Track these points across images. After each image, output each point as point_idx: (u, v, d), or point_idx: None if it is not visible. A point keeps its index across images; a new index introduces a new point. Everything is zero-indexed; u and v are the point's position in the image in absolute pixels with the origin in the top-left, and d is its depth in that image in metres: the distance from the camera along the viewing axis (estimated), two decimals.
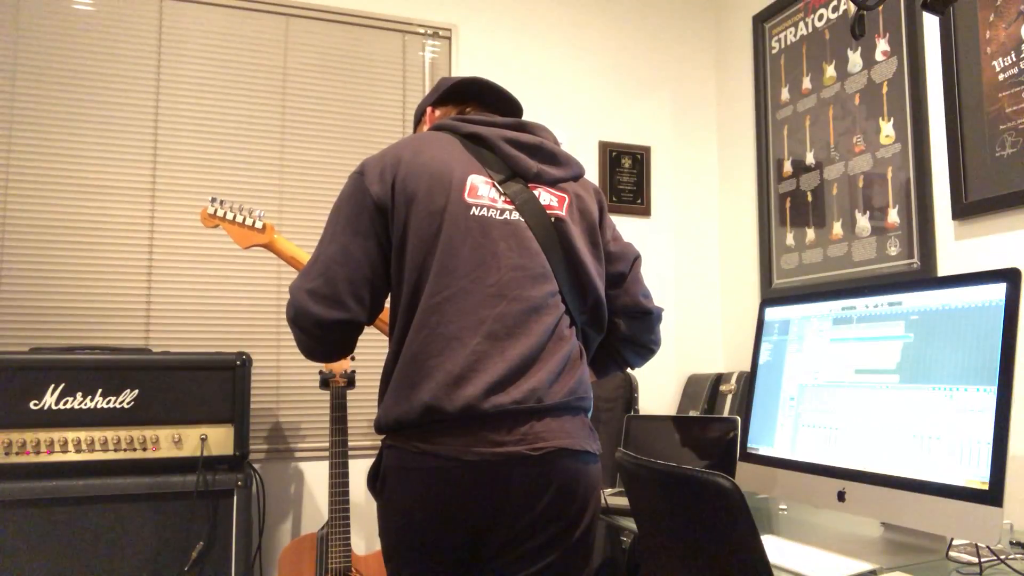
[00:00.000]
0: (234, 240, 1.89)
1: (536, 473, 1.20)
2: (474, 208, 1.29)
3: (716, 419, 2.04)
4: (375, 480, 1.29)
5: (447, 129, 1.41)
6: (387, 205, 1.29)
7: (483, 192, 1.31)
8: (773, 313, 1.76)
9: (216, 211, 1.90)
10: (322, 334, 1.27)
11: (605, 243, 1.44)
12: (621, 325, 1.46)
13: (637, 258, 1.47)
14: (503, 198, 1.32)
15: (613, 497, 2.02)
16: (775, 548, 1.38)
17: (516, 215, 1.31)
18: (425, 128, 1.51)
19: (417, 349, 1.23)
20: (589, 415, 1.34)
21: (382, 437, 1.30)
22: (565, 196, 1.38)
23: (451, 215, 1.27)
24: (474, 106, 1.51)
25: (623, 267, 1.44)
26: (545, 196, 1.36)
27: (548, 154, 1.40)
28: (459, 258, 1.25)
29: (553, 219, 1.34)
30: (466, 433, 1.19)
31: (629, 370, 1.59)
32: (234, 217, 1.89)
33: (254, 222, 1.88)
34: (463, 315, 1.23)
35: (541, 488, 1.21)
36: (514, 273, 1.27)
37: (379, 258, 1.30)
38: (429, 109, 1.53)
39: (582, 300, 1.37)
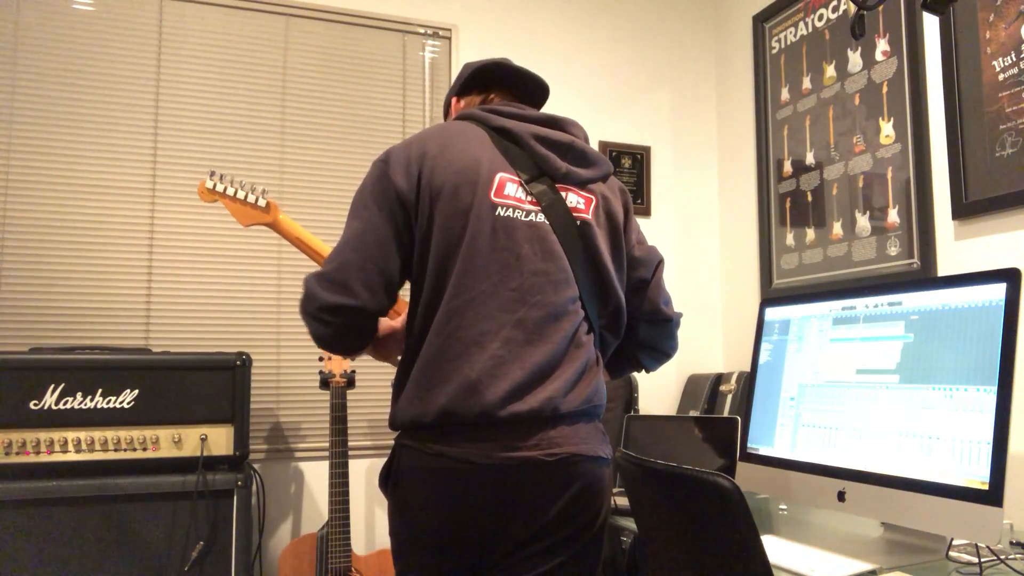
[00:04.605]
0: (234, 217, 1.69)
1: (550, 478, 1.20)
2: (500, 208, 1.26)
3: (716, 419, 2.04)
4: (387, 479, 1.28)
5: (476, 120, 1.36)
6: (411, 200, 1.25)
7: (510, 191, 1.28)
8: (773, 313, 1.75)
9: (215, 185, 1.75)
10: (328, 319, 1.22)
11: (629, 248, 1.40)
12: (640, 330, 1.44)
13: (660, 263, 1.44)
14: (529, 198, 1.29)
15: (613, 497, 2.02)
16: (775, 548, 1.38)
17: (541, 217, 1.28)
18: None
19: (436, 351, 1.22)
20: (600, 419, 1.33)
21: (396, 434, 1.29)
22: (592, 198, 1.35)
23: (476, 214, 1.24)
24: (498, 92, 1.45)
25: (645, 273, 1.41)
26: (572, 198, 1.33)
27: (579, 153, 1.36)
28: (482, 259, 1.23)
29: (579, 222, 1.31)
30: (481, 437, 1.19)
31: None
32: (235, 192, 1.75)
33: (256, 199, 1.74)
34: (484, 319, 1.21)
35: (555, 493, 1.21)
36: (536, 278, 1.25)
37: (396, 247, 1.25)
38: (454, 100, 1.48)
39: (602, 305, 1.35)
